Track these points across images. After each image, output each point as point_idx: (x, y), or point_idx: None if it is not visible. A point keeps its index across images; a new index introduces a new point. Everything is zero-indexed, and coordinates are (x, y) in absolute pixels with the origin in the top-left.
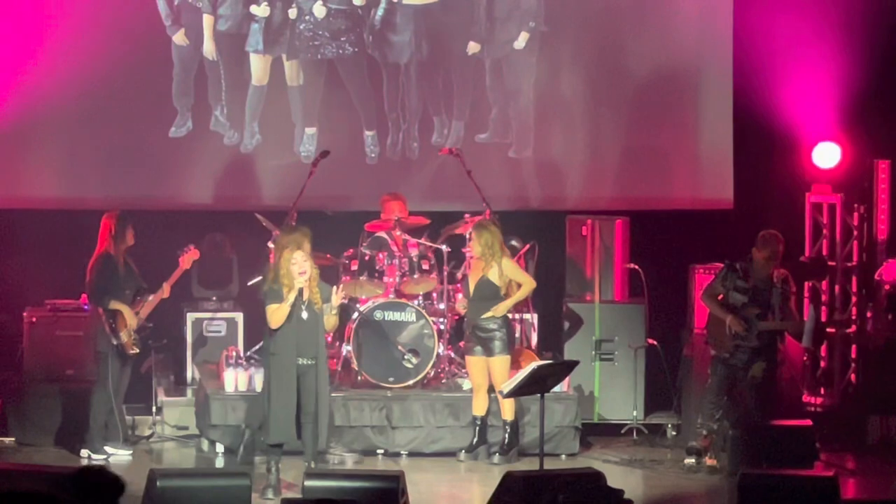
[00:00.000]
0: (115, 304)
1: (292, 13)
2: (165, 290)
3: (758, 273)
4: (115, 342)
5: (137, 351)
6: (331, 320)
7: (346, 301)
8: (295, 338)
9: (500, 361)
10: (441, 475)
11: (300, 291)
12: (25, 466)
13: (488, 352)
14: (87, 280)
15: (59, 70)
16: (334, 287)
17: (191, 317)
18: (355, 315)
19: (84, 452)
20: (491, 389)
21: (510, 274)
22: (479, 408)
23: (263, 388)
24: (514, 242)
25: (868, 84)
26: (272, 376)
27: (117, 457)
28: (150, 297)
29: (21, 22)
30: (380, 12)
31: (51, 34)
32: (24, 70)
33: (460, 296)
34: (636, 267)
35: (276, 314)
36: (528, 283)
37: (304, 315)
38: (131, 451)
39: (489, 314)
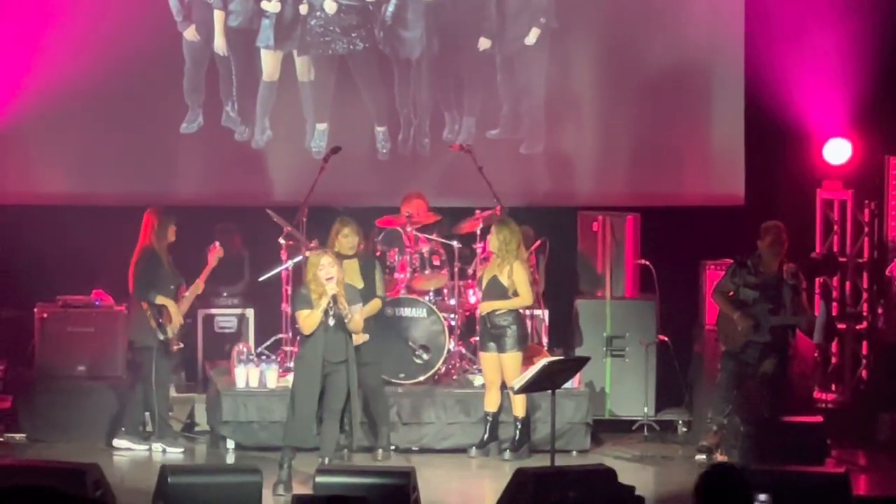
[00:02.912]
0: (160, 299)
1: (303, 9)
2: (200, 286)
3: (766, 265)
4: (161, 337)
5: (182, 346)
6: (355, 323)
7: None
8: (322, 344)
9: (512, 357)
10: (452, 471)
11: (334, 298)
12: (36, 463)
13: (500, 348)
14: (130, 274)
15: (69, 66)
16: (358, 305)
17: (202, 313)
18: None
19: (157, 446)
20: (503, 385)
21: (516, 279)
22: (492, 404)
23: (291, 389)
24: (525, 230)
25: (879, 80)
26: (297, 380)
27: (171, 454)
28: (187, 293)
29: (32, 19)
30: (391, 8)
31: (62, 31)
32: (35, 67)
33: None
34: (647, 263)
35: (309, 320)
36: (524, 298)
37: (332, 322)
38: (148, 447)
39: (483, 308)
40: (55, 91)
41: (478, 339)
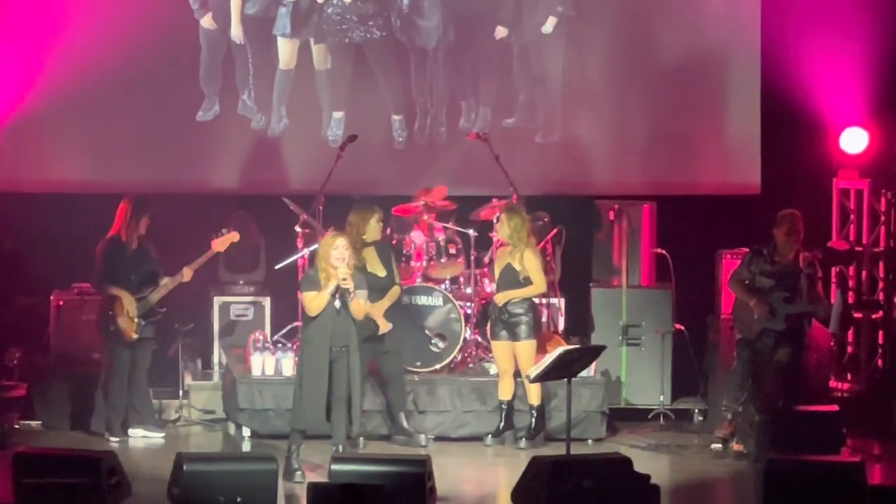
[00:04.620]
0: (113, 290)
1: None
2: (186, 275)
3: (782, 254)
4: (111, 328)
5: (136, 337)
6: (358, 307)
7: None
8: (330, 326)
9: (527, 346)
10: (467, 459)
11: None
12: (52, 450)
13: (514, 336)
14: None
15: (86, 54)
16: (363, 291)
17: (218, 301)
18: None
19: (107, 434)
20: (517, 374)
21: (528, 266)
22: (506, 392)
23: (296, 373)
24: (543, 216)
25: None
26: (305, 362)
27: (149, 439)
28: (166, 281)
29: (49, 9)
30: None
31: (78, 19)
32: (51, 55)
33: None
34: (663, 252)
35: (316, 302)
36: (538, 286)
37: (337, 304)
38: (164, 434)
39: (500, 299)
40: (71, 80)
41: (489, 327)
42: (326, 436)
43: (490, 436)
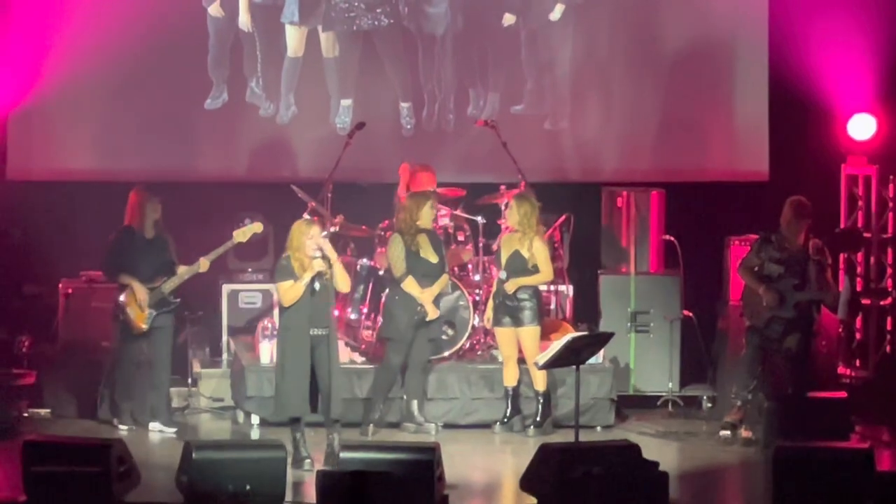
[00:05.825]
0: (124, 279)
1: None
2: (203, 265)
3: (790, 239)
4: (121, 317)
5: (145, 328)
6: (339, 276)
7: None
8: (309, 310)
9: (530, 332)
10: (476, 447)
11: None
12: (61, 438)
13: (517, 322)
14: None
15: (94, 42)
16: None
17: (226, 288)
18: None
19: (116, 422)
20: (522, 360)
21: (537, 254)
22: (510, 378)
23: (277, 362)
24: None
25: None
26: (286, 351)
27: (164, 433)
28: (182, 271)
29: None
30: None
31: (86, 7)
32: (59, 43)
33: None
34: (672, 239)
35: (291, 292)
36: (546, 274)
37: (317, 285)
38: (176, 430)
39: (511, 287)
40: (79, 68)
41: (491, 314)
42: (318, 422)
43: (498, 423)
